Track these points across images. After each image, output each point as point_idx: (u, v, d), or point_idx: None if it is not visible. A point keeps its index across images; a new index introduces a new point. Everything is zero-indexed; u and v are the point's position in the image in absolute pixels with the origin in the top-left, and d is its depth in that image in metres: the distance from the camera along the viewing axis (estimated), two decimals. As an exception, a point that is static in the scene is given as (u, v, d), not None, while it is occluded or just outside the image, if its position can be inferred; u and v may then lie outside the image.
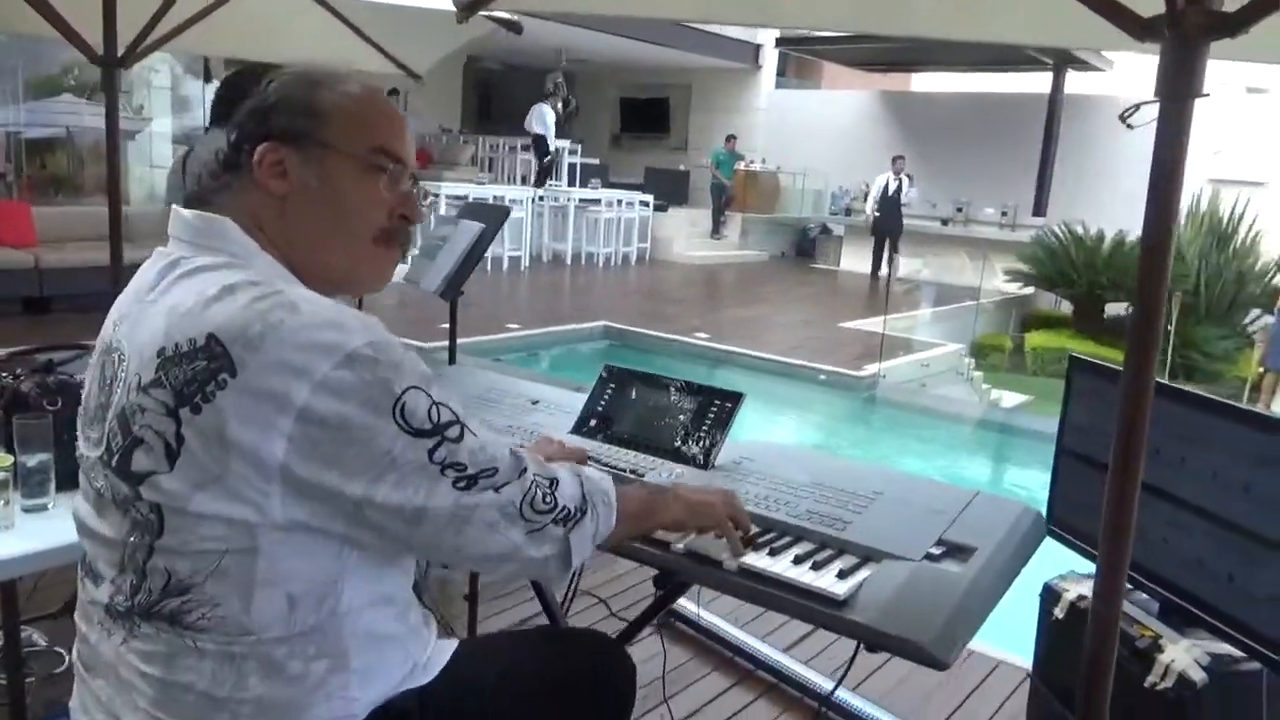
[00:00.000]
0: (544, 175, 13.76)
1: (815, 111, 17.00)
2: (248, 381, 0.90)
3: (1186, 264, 11.75)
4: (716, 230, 15.77)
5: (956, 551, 1.31)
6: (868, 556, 1.31)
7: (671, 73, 17.22)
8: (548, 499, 1.05)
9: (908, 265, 13.00)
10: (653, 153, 17.52)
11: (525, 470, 1.04)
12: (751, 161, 16.12)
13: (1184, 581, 1.78)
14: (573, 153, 15.03)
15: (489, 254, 5.98)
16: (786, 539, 1.36)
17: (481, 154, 14.91)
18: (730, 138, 15.74)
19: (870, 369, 7.86)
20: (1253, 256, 12.05)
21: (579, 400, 1.83)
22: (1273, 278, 11.85)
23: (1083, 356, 2.15)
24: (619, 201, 13.63)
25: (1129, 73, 13.59)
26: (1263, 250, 12.01)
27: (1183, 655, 1.72)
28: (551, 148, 13.81)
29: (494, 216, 2.70)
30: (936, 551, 1.31)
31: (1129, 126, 1.19)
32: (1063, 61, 13.41)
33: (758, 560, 1.29)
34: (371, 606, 1.03)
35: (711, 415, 1.64)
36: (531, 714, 1.25)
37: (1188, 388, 1.86)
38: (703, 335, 8.67)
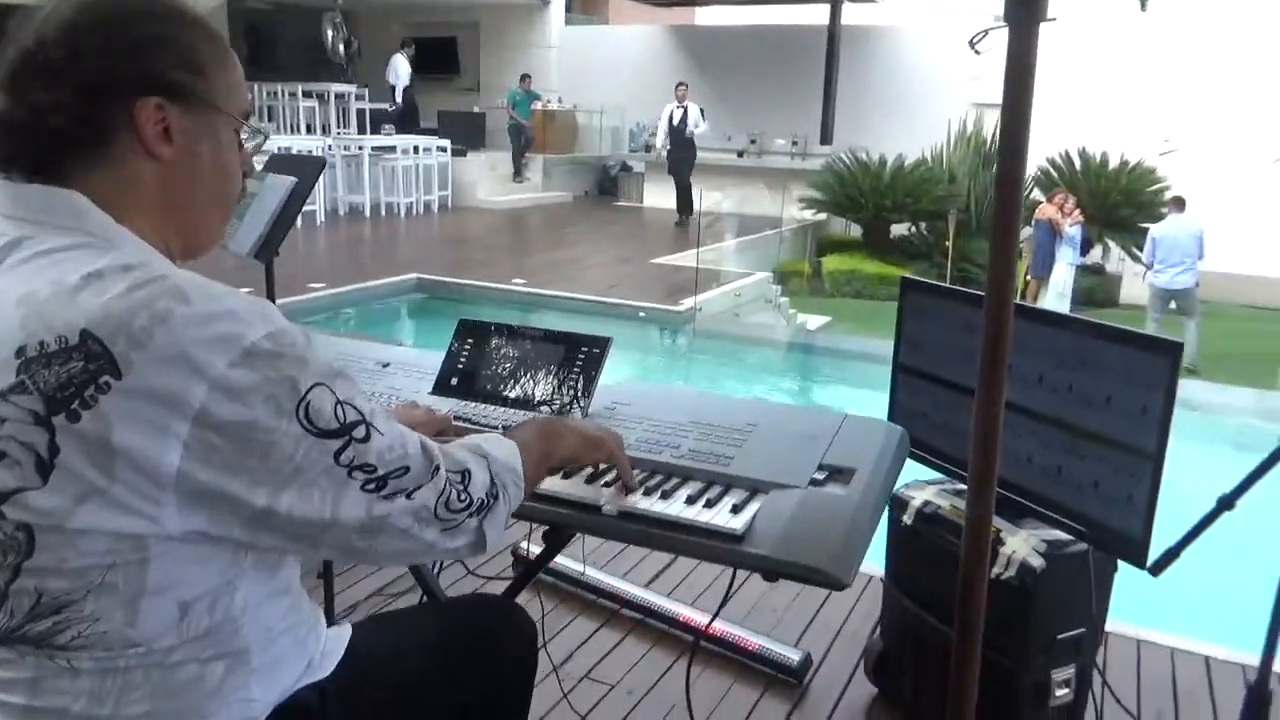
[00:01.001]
0: (398, 123, 13.66)
1: (607, 47, 16.92)
2: (135, 383, 0.79)
3: (958, 184, 12.71)
4: (518, 173, 15.50)
5: (838, 474, 1.35)
6: (755, 489, 1.33)
7: (457, 10, 16.60)
8: (462, 496, 0.98)
9: (709, 198, 13.31)
10: (445, 95, 16.90)
11: (438, 469, 0.97)
12: (548, 101, 15.89)
13: (1017, 477, 1.94)
14: (360, 98, 14.26)
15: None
16: (675, 480, 1.36)
17: (259, 102, 13.87)
18: (525, 77, 15.41)
19: (687, 303, 8.04)
20: (1013, 173, 13.15)
21: (431, 359, 1.74)
22: (1030, 192, 13.01)
23: (914, 277, 2.26)
24: (416, 148, 13.11)
25: (900, 5, 14.34)
26: (1021, 167, 13.12)
27: (1022, 545, 1.88)
28: (398, 99, 13.59)
29: (307, 169, 2.51)
30: (820, 476, 1.34)
31: (976, 52, 1.23)
32: (839, -7, 13.95)
33: (653, 505, 1.28)
34: (269, 600, 0.95)
35: (580, 362, 1.60)
36: (437, 690, 1.20)
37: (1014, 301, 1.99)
38: (519, 281, 8.55)
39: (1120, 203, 12.26)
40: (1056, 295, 10.33)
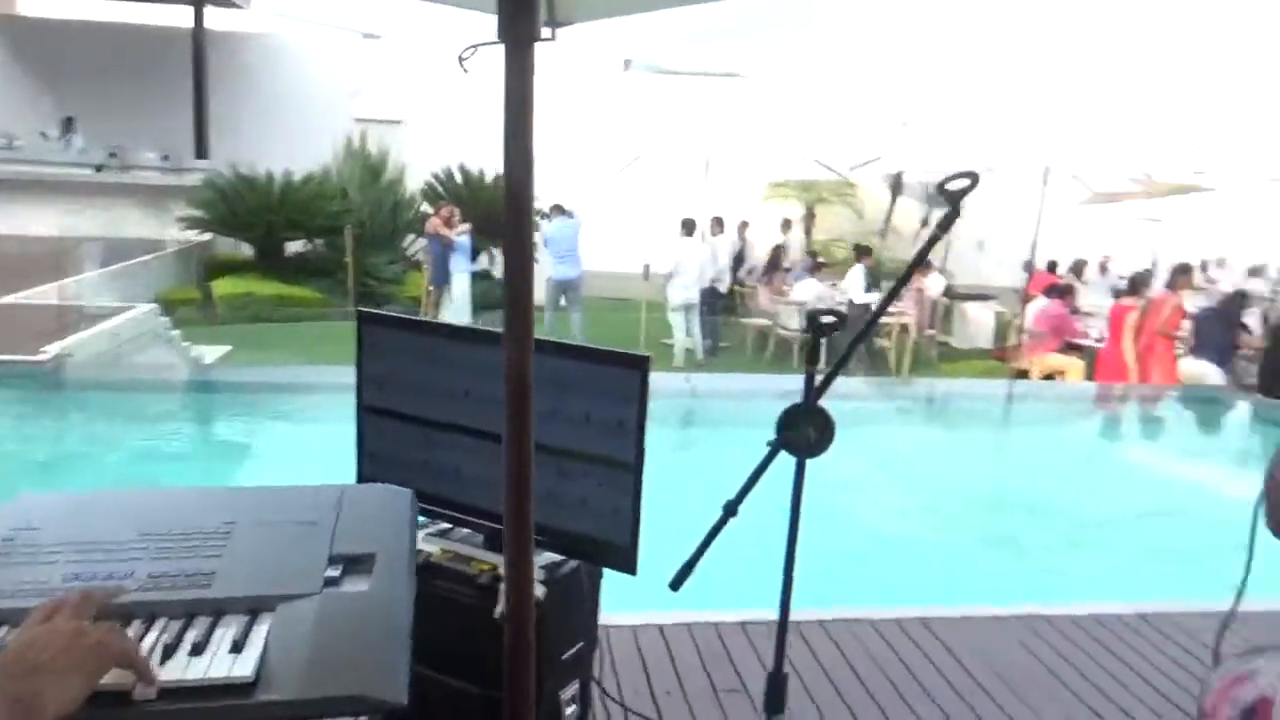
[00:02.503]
0: None
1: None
2: None
3: (351, 199, 12.67)
4: None
5: (355, 565, 1.13)
6: (256, 608, 1.04)
7: None
8: None
9: (63, 224, 11.29)
10: None
11: None
12: None
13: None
14: None
15: None
16: (138, 624, 1.00)
17: None
18: None
19: (52, 349, 6.67)
20: (401, 188, 13.55)
21: None
22: (420, 206, 13.54)
23: (371, 310, 2.07)
24: None
25: (269, 10, 13.75)
26: (409, 182, 13.59)
27: (523, 577, 1.83)
28: None
29: None
30: (334, 573, 1.10)
31: (464, 70, 1.11)
32: (197, -5, 12.91)
33: (115, 676, 0.92)
34: None
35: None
36: None
37: (492, 329, 1.94)
38: None
39: (500, 213, 13.38)
40: (459, 303, 10.87)
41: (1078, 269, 13.39)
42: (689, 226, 10.01)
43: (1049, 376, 9.53)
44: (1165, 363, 8.51)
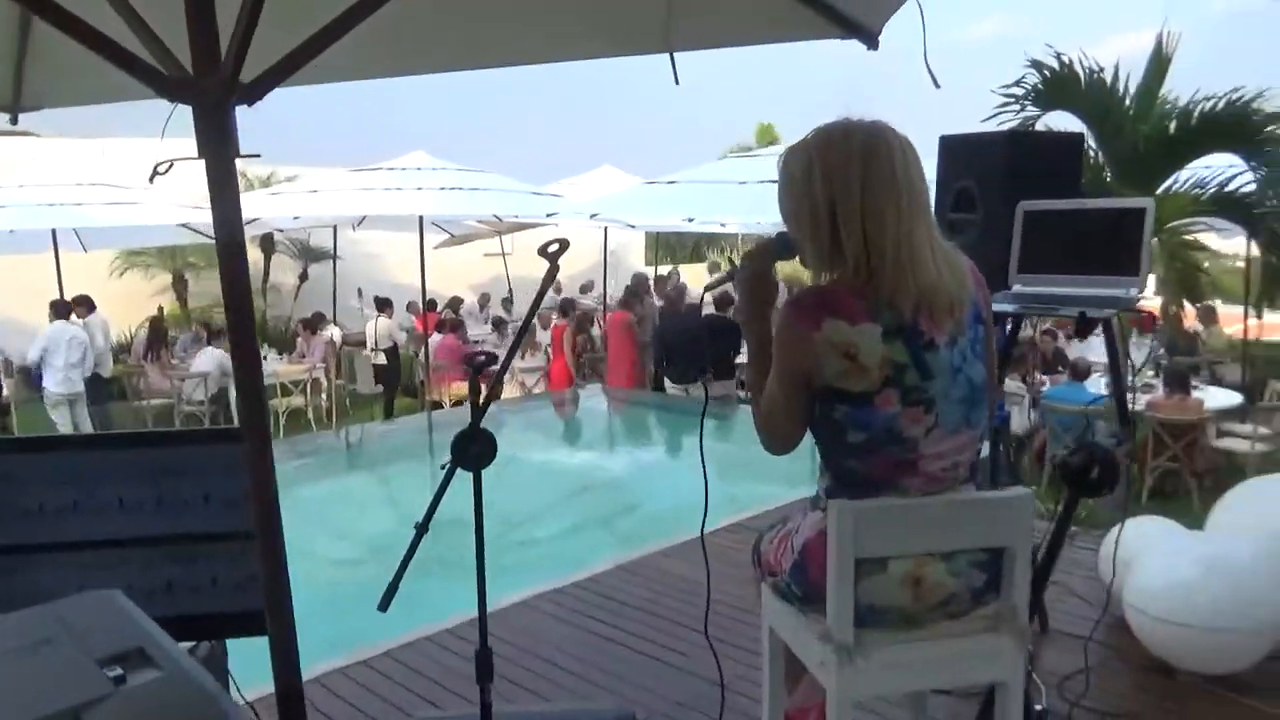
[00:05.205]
0: None
1: None
2: None
3: None
4: None
5: (128, 661, 1.15)
6: (59, 725, 1.03)
7: None
8: None
9: None
10: None
11: None
12: None
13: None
14: None
15: None
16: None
17: None
18: None
19: None
20: None
21: None
22: None
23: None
24: None
25: None
26: None
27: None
28: None
29: None
30: (116, 673, 1.12)
31: (150, 181, 1.21)
32: None
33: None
34: None
35: None
36: None
37: (55, 434, 1.82)
38: None
39: None
40: None
41: (454, 305, 14.79)
42: (60, 308, 8.80)
43: (459, 403, 10.52)
44: (633, 370, 9.91)
